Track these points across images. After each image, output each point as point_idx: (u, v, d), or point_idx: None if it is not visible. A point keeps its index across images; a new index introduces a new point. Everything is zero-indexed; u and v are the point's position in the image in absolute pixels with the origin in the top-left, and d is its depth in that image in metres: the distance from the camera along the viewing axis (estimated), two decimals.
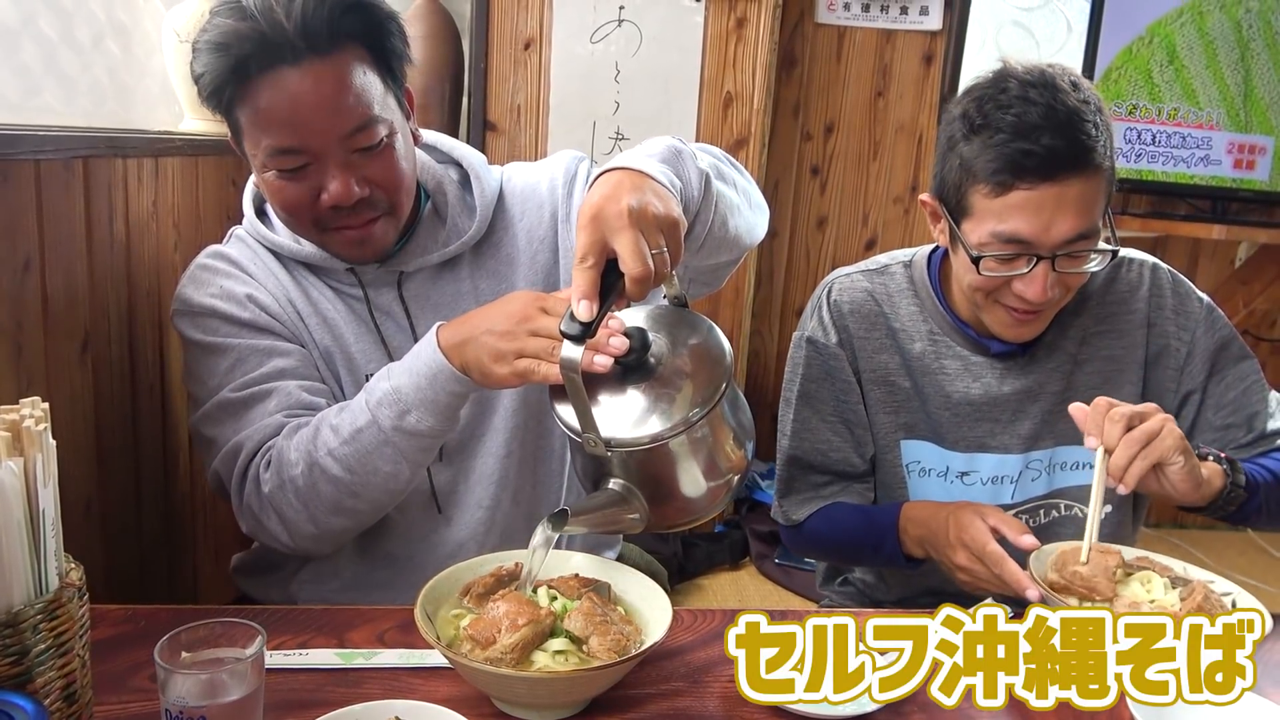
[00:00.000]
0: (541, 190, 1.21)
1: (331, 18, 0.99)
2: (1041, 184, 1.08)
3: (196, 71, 1.01)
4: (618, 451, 0.83)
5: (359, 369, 1.13)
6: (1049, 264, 1.11)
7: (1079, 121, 1.08)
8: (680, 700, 0.86)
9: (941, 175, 1.18)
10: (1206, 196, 2.95)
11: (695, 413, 0.83)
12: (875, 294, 1.31)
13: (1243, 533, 3.40)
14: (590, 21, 2.49)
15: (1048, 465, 1.29)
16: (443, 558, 1.10)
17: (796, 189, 3.04)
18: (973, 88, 1.16)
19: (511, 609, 0.79)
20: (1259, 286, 2.87)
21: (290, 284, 1.13)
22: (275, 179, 1.03)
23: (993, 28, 3.14)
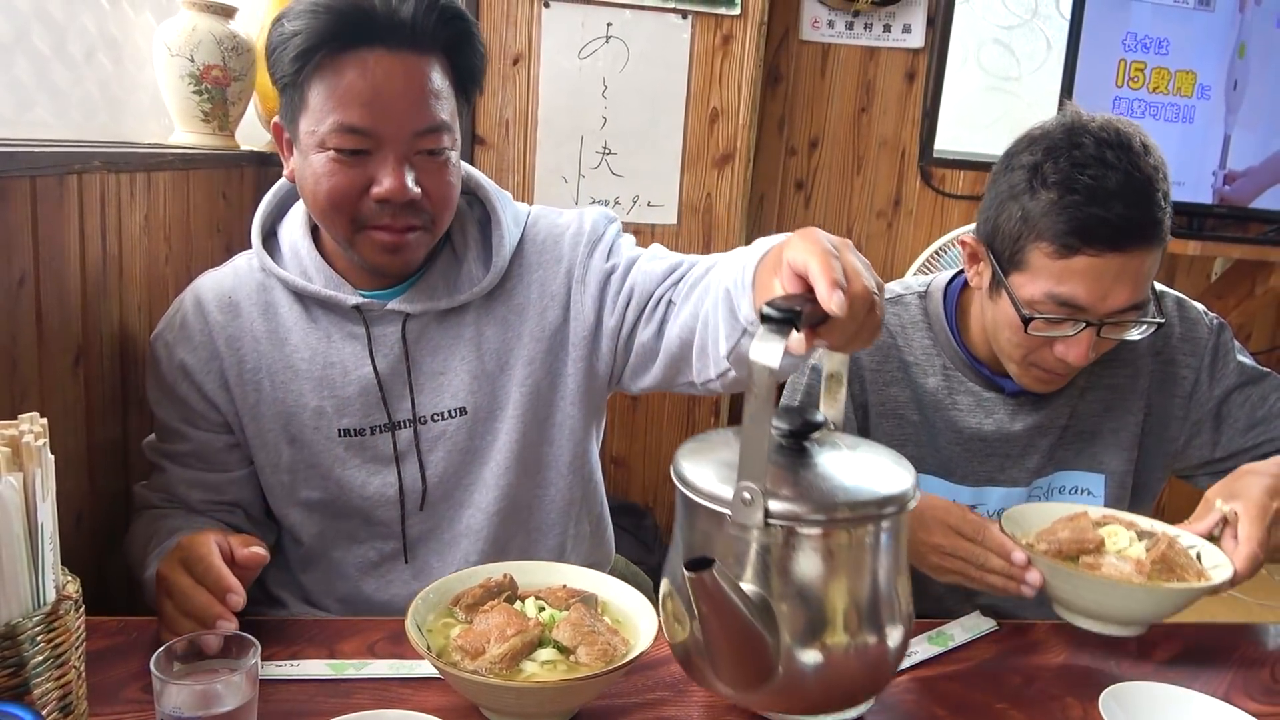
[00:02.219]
0: (563, 244, 1.17)
1: (438, 22, 1.00)
2: (1108, 253, 1.06)
3: (288, 31, 0.98)
4: (778, 527, 0.67)
5: (314, 405, 1.11)
6: (1095, 330, 1.10)
7: (1152, 192, 1.06)
8: (665, 709, 0.87)
9: (995, 222, 1.14)
10: (1184, 213, 3.00)
11: (889, 508, 0.69)
12: (889, 325, 1.28)
13: None
14: (578, 37, 2.51)
15: (1047, 490, 1.30)
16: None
17: (781, 203, 3.08)
18: (1040, 137, 1.12)
19: (500, 620, 0.81)
20: (1234, 301, 2.92)
21: (258, 316, 1.12)
22: (329, 161, 1.00)
23: (974, 45, 3.18)
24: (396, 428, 1.12)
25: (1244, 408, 1.28)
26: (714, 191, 2.67)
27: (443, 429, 1.13)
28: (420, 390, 1.12)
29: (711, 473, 0.72)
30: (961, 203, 3.10)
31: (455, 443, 1.14)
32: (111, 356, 1.24)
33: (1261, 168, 2.98)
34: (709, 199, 2.67)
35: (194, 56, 1.81)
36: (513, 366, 1.15)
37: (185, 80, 1.82)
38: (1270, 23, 2.89)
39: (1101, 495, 1.29)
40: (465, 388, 1.13)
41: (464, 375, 1.13)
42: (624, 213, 2.63)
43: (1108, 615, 1.00)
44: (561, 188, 2.60)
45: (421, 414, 1.13)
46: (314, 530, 1.16)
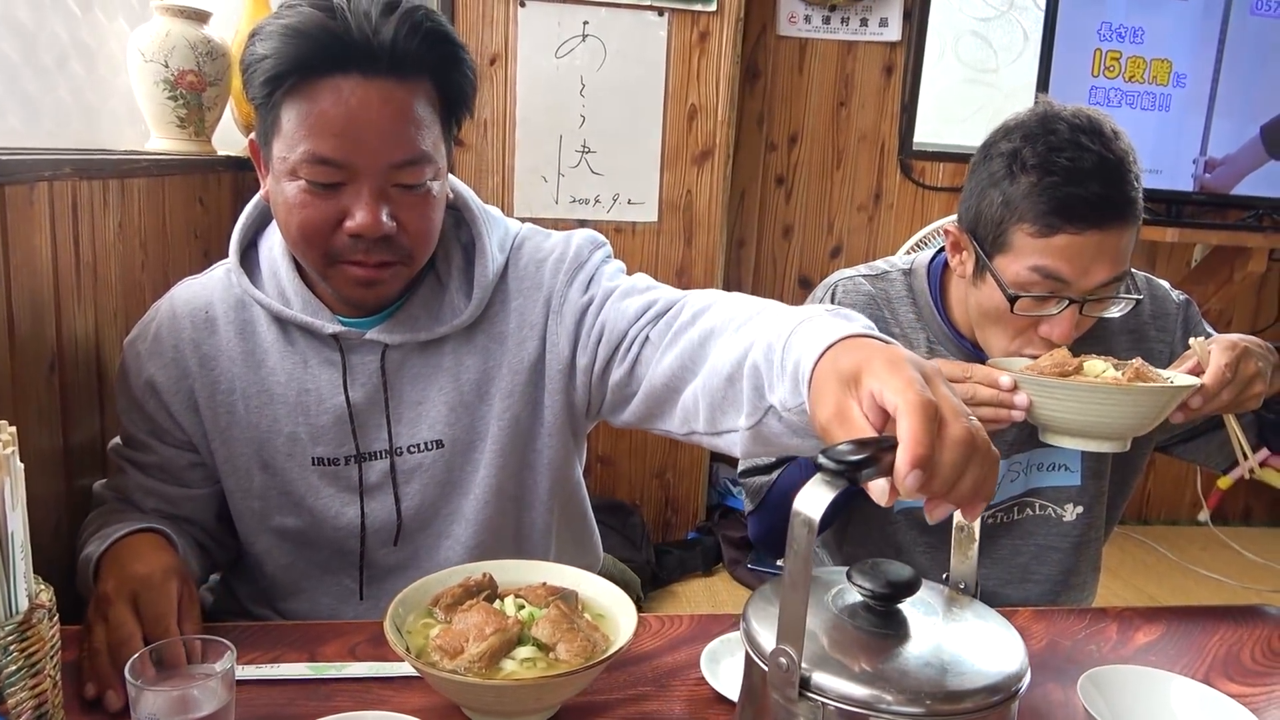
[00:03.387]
0: (545, 271, 1.11)
1: (421, 45, 0.94)
2: (1087, 230, 1.10)
3: (259, 53, 0.93)
4: (817, 702, 0.60)
5: (285, 429, 1.08)
6: (1077, 308, 1.14)
7: (1125, 172, 1.10)
8: (647, 704, 0.88)
9: (977, 209, 1.18)
10: (1163, 200, 3.03)
11: (946, 708, 0.59)
12: (877, 298, 1.31)
13: (1204, 528, 3.48)
14: (555, 36, 2.51)
15: (1025, 467, 1.32)
16: None
17: (762, 199, 3.09)
18: (1016, 127, 1.15)
19: (479, 619, 0.81)
20: (1213, 287, 2.94)
21: (235, 334, 1.08)
22: (300, 192, 0.95)
23: (951, 38, 3.20)
24: (366, 459, 1.09)
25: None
26: (694, 188, 2.67)
27: (419, 461, 1.10)
28: (398, 421, 1.08)
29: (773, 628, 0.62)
30: (942, 194, 3.12)
31: (432, 475, 1.10)
32: (87, 363, 1.23)
33: (1240, 154, 3.01)
34: (689, 196, 2.68)
35: (168, 62, 1.80)
36: (492, 398, 1.10)
37: (160, 86, 1.81)
38: (1245, 10, 2.91)
39: (1079, 471, 1.32)
40: (443, 419, 1.09)
41: (441, 407, 1.09)
42: (605, 211, 2.64)
43: (1090, 428, 1.05)
44: (541, 187, 2.60)
45: (399, 445, 1.09)
46: (284, 561, 1.13)
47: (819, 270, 3.10)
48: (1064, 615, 1.13)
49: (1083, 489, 1.32)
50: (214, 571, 1.19)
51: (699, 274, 2.74)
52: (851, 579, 0.65)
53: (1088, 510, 1.33)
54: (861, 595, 0.65)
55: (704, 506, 2.96)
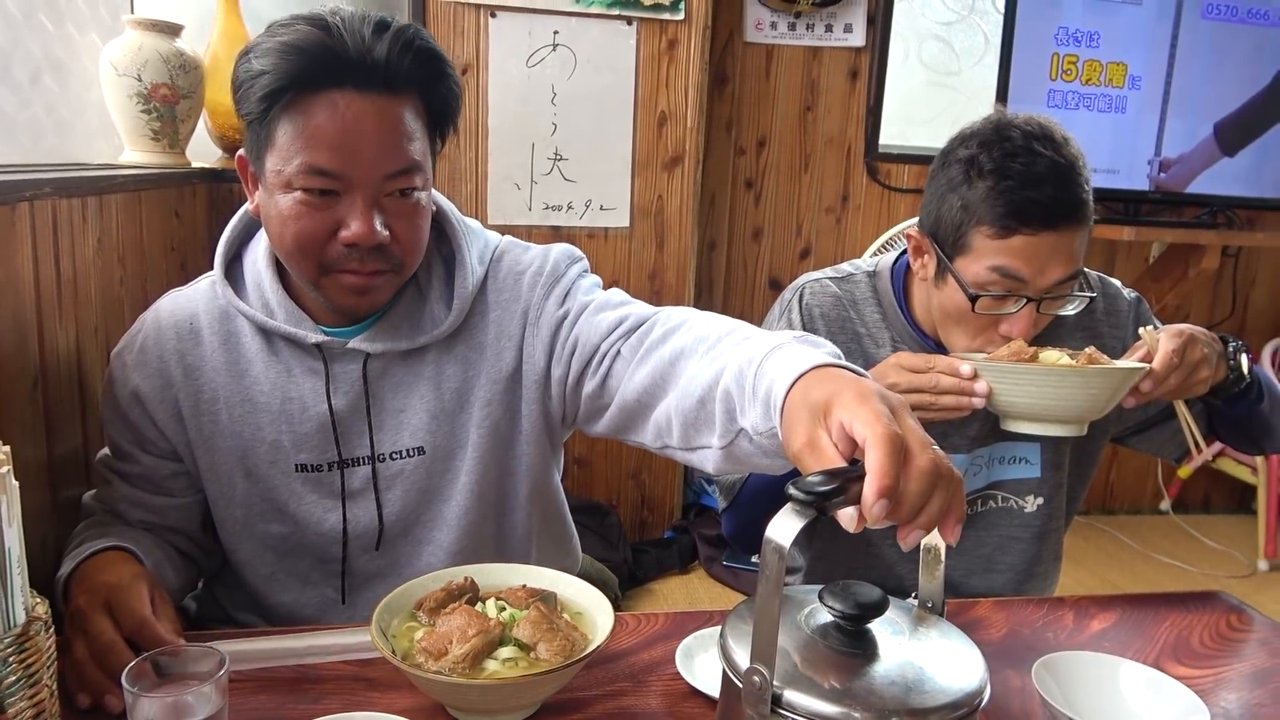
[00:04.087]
0: (523, 283, 1.14)
1: (412, 62, 0.98)
2: (1042, 231, 1.14)
3: (255, 69, 0.95)
4: (785, 718, 0.63)
5: (270, 438, 1.10)
6: (1034, 306, 1.18)
7: (1076, 175, 1.16)
8: (625, 699, 0.91)
9: (937, 214, 1.22)
10: (1120, 199, 3.10)
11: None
12: (843, 300, 1.35)
13: (1166, 516, 3.56)
14: (526, 46, 2.54)
15: (988, 460, 1.36)
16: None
17: (732, 202, 3.13)
18: (972, 135, 1.20)
19: (462, 621, 0.84)
20: (1169, 283, 3.02)
21: (219, 345, 1.11)
22: (295, 204, 0.97)
23: (914, 42, 3.26)
24: (349, 465, 1.12)
25: None
26: (665, 193, 2.71)
27: (400, 468, 1.12)
28: (380, 428, 1.11)
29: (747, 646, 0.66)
30: (908, 196, 3.17)
31: (413, 482, 1.13)
32: (69, 379, 1.25)
33: (1194, 153, 3.09)
34: (660, 201, 2.71)
35: (141, 75, 1.81)
36: (471, 406, 1.13)
37: (133, 99, 1.83)
38: (1196, 13, 3.00)
39: (1038, 464, 1.36)
40: (424, 427, 1.11)
41: (422, 414, 1.11)
42: (577, 217, 2.67)
43: (1048, 411, 1.10)
44: (514, 194, 2.62)
45: (381, 452, 1.11)
46: (265, 571, 1.15)
47: (789, 272, 3.15)
48: (1023, 605, 1.17)
49: (1043, 481, 1.37)
50: (199, 579, 1.21)
51: (671, 278, 2.78)
52: (823, 600, 0.69)
53: (1048, 501, 1.38)
54: (832, 615, 0.68)
55: (679, 506, 2.99)
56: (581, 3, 2.53)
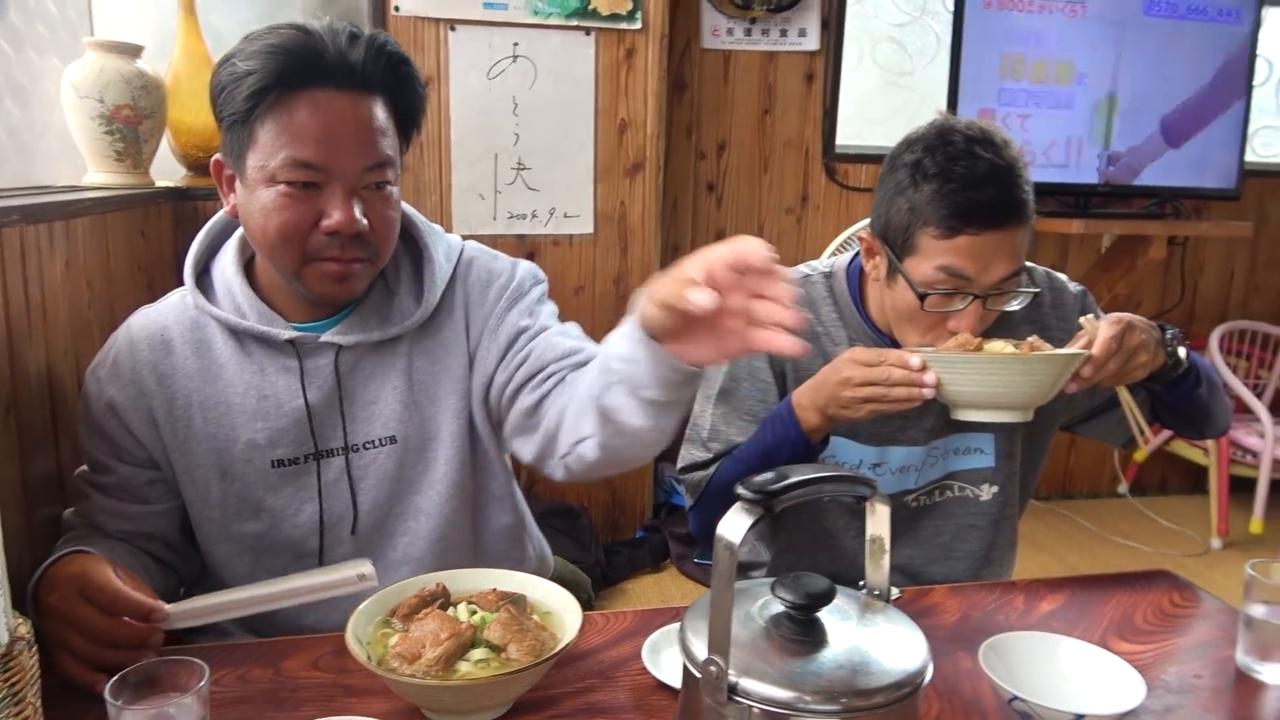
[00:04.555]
0: (491, 291, 1.21)
1: (384, 67, 1.06)
2: (985, 231, 1.19)
3: (241, 70, 1.02)
4: (744, 705, 0.66)
5: (244, 437, 1.14)
6: (981, 303, 1.23)
7: (1016, 177, 1.20)
8: (594, 695, 0.94)
9: (886, 217, 1.26)
10: (1071, 193, 3.18)
11: (861, 703, 0.66)
12: (800, 300, 1.37)
13: (1123, 499, 3.65)
14: (486, 58, 2.57)
15: (944, 452, 1.40)
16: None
17: (694, 205, 3.17)
18: (917, 139, 1.24)
19: (435, 626, 0.87)
20: (1119, 273, 3.10)
21: (191, 353, 1.15)
22: (279, 196, 1.03)
23: (868, 44, 3.32)
24: (325, 456, 1.16)
25: None
26: (628, 199, 2.75)
27: (374, 457, 1.17)
28: (353, 419, 1.16)
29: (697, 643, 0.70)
30: (865, 195, 3.23)
31: (386, 471, 1.18)
32: (41, 401, 1.27)
33: (1141, 147, 3.18)
34: (623, 207, 2.75)
35: (103, 97, 1.83)
36: (442, 398, 1.19)
37: (96, 121, 1.84)
38: (1139, 11, 3.08)
39: (992, 453, 1.41)
40: (396, 417, 1.17)
41: (395, 405, 1.17)
42: (542, 225, 2.70)
43: (994, 398, 1.14)
44: (479, 204, 2.65)
45: (354, 442, 1.17)
46: (243, 571, 1.18)
47: None
48: (976, 590, 1.22)
49: (996, 469, 1.41)
50: (180, 588, 1.23)
51: (636, 282, 2.81)
52: (775, 592, 0.73)
53: (1002, 489, 1.42)
54: (784, 606, 0.72)
55: (650, 505, 3.03)
56: (540, 14, 2.56)
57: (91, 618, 0.92)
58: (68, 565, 0.98)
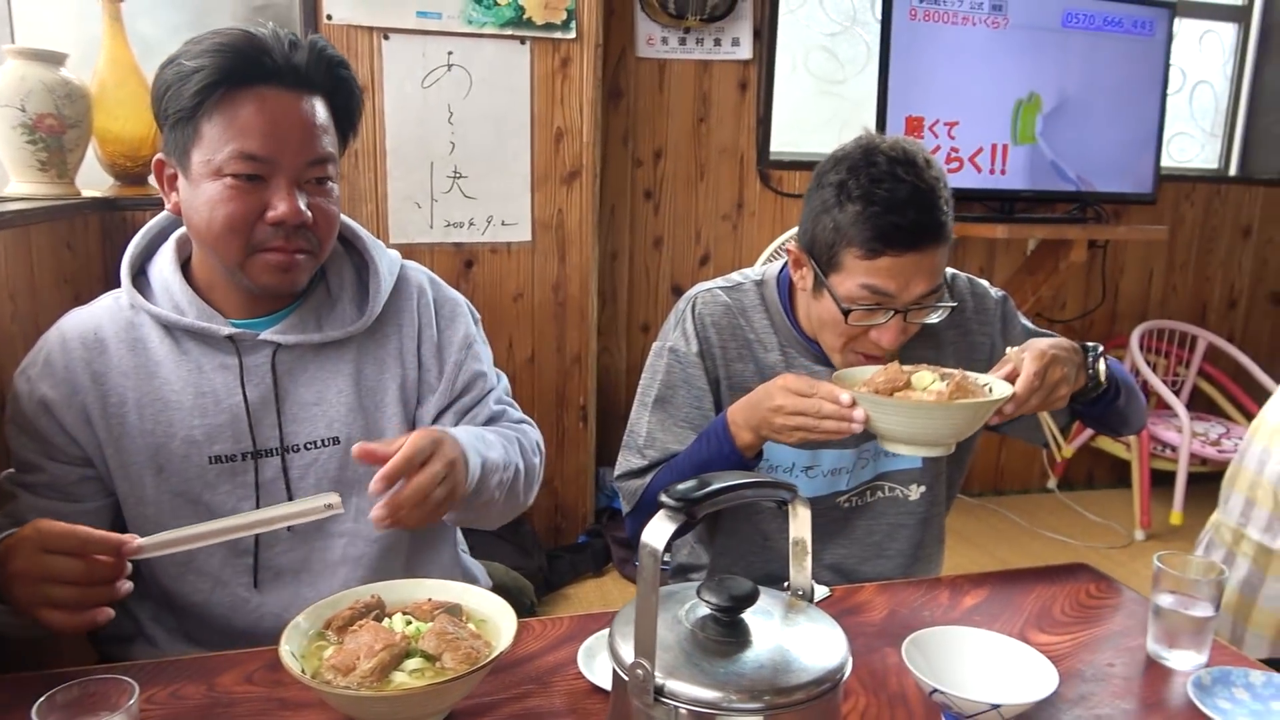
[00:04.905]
0: (443, 314, 1.30)
1: (324, 69, 1.12)
2: (906, 252, 1.23)
3: (188, 68, 1.06)
4: (667, 706, 0.68)
5: (187, 434, 1.15)
6: (902, 316, 1.27)
7: (936, 199, 1.24)
8: (530, 700, 0.96)
9: (813, 233, 1.29)
10: (998, 199, 3.28)
11: (782, 700, 0.68)
12: (733, 308, 1.42)
13: (1052, 494, 3.77)
14: (420, 67, 2.56)
15: (873, 454, 1.44)
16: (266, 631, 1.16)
17: (632, 212, 3.19)
18: (843, 158, 1.27)
19: (369, 638, 0.88)
20: (1043, 276, 3.21)
21: (126, 351, 1.15)
22: (225, 188, 1.07)
23: (801, 53, 3.38)
24: (262, 455, 1.17)
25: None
26: (565, 207, 2.76)
27: (314, 457, 1.19)
28: (292, 420, 1.18)
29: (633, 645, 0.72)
30: (799, 201, 3.21)
31: (326, 471, 1.20)
32: None
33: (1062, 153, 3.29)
34: (560, 215, 2.77)
35: (25, 106, 1.79)
36: (388, 405, 1.23)
37: (18, 130, 1.80)
38: (1057, 22, 3.19)
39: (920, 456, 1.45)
40: (340, 419, 1.20)
41: (339, 407, 1.20)
42: (479, 233, 2.70)
43: (918, 437, 1.16)
44: (415, 213, 2.64)
45: (293, 443, 1.18)
46: (174, 571, 1.18)
47: (690, 277, 3.23)
48: (903, 587, 1.26)
49: (924, 470, 1.46)
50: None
51: (574, 289, 2.83)
52: (700, 595, 0.75)
53: (930, 489, 1.47)
54: (709, 608, 0.74)
55: (592, 510, 3.04)
56: (474, 24, 2.57)
57: (65, 565, 0.92)
58: (18, 535, 0.96)
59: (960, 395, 1.15)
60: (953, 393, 1.15)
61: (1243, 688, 0.99)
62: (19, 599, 0.93)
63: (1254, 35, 3.90)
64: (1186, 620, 1.05)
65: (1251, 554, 1.50)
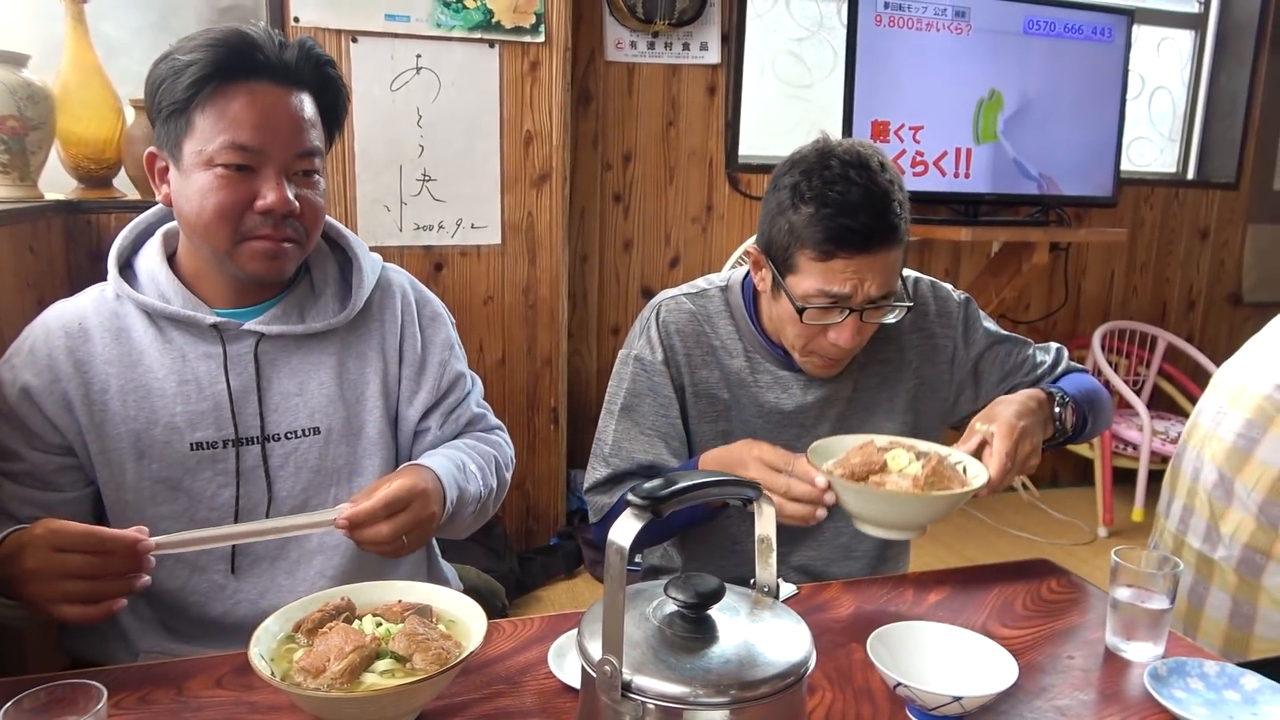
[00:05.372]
0: (424, 314, 1.33)
1: (312, 66, 1.15)
2: (859, 254, 1.24)
3: (182, 62, 1.09)
4: (635, 701, 0.69)
5: (170, 425, 1.17)
6: (858, 316, 1.28)
7: (889, 202, 1.25)
8: (501, 701, 0.96)
9: (769, 235, 1.31)
10: (962, 202, 3.33)
11: (748, 694, 0.69)
12: (698, 315, 1.43)
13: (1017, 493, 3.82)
14: (389, 70, 2.55)
15: None
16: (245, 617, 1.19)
17: (602, 216, 3.20)
18: (799, 161, 1.29)
19: (339, 639, 0.88)
20: (1007, 278, 3.25)
21: (110, 340, 1.17)
22: (215, 178, 1.10)
23: (769, 57, 3.41)
24: (244, 443, 1.19)
25: (995, 364, 1.50)
26: (535, 210, 2.77)
27: (294, 447, 1.21)
28: (274, 409, 1.20)
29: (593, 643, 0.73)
30: None
31: (305, 461, 1.22)
32: None
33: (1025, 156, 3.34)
34: (530, 218, 2.77)
35: None
36: (368, 397, 1.26)
37: None
38: (1018, 27, 3.24)
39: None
40: (321, 409, 1.22)
41: (320, 398, 1.22)
42: (449, 236, 2.70)
43: (892, 522, 1.17)
44: (384, 216, 2.63)
45: (274, 432, 1.20)
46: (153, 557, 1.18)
47: (659, 280, 3.25)
48: (869, 584, 1.28)
49: None
50: None
51: (545, 291, 2.84)
52: (667, 592, 0.76)
53: None
54: (676, 605, 0.75)
55: (564, 512, 3.05)
56: (443, 27, 2.56)
57: (79, 562, 0.95)
58: (26, 534, 0.98)
59: (935, 478, 1.15)
60: (928, 476, 1.15)
61: (1197, 678, 1.02)
62: (34, 595, 0.96)
63: (1210, 42, 3.99)
64: (1143, 613, 1.08)
65: (1194, 563, 1.53)
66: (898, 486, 1.15)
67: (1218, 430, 1.53)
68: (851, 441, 1.26)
